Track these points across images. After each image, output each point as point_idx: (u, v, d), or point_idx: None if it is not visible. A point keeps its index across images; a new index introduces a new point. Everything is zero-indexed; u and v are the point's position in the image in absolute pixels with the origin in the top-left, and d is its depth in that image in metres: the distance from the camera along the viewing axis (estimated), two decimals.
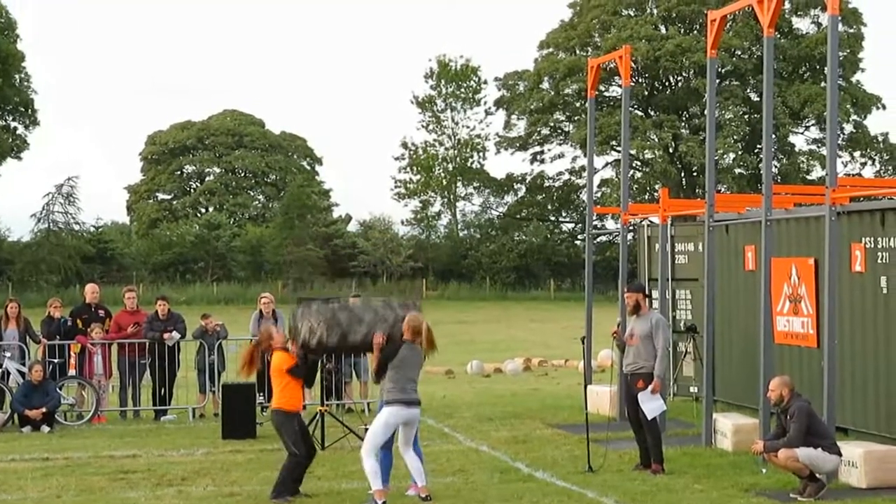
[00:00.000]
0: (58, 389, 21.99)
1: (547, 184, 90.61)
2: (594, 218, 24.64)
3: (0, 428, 21.31)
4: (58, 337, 22.86)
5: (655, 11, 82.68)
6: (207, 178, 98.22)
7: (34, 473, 16.80)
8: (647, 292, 17.94)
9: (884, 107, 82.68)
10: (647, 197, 78.16)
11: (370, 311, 16.61)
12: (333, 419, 19.26)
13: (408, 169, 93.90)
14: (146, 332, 22.96)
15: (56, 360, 22.66)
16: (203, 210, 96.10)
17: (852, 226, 17.60)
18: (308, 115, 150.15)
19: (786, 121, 78.47)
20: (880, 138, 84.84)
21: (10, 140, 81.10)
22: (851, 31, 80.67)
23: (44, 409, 21.33)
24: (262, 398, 22.15)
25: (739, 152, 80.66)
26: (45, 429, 21.20)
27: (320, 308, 16.89)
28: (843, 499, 14.33)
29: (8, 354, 22.44)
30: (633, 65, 61.44)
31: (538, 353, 36.86)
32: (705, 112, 22.43)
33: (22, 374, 22.17)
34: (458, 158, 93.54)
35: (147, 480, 16.03)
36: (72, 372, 22.75)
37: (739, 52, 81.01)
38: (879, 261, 17.19)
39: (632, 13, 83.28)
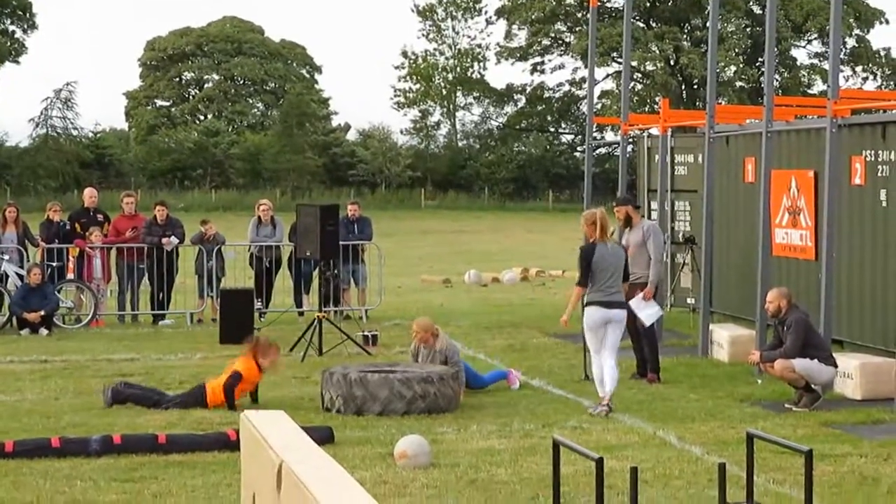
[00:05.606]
0: (56, 293, 22.03)
1: (547, 95, 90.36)
2: (594, 129, 24.53)
3: None
4: (56, 240, 22.85)
5: None
6: (206, 86, 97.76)
7: (32, 375, 16.88)
8: (636, 204, 17.97)
9: (887, 21, 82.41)
10: (647, 109, 77.87)
11: None
12: (331, 325, 19.29)
13: (407, 78, 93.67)
14: (144, 236, 22.93)
15: (54, 264, 22.66)
16: (202, 117, 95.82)
17: (853, 138, 17.51)
18: (308, 23, 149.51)
19: (788, 34, 78.08)
20: (882, 53, 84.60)
21: (9, 44, 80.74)
22: None
23: (42, 312, 21.37)
24: (259, 303, 22.22)
25: (741, 65, 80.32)
26: (44, 331, 21.26)
27: None
28: (838, 409, 14.40)
29: (6, 257, 22.43)
30: None
31: (535, 263, 36.84)
32: (707, 24, 22.27)
33: (20, 276, 22.17)
34: (457, 68, 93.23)
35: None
36: (70, 275, 22.75)
37: None
38: (879, 174, 17.12)
39: None
